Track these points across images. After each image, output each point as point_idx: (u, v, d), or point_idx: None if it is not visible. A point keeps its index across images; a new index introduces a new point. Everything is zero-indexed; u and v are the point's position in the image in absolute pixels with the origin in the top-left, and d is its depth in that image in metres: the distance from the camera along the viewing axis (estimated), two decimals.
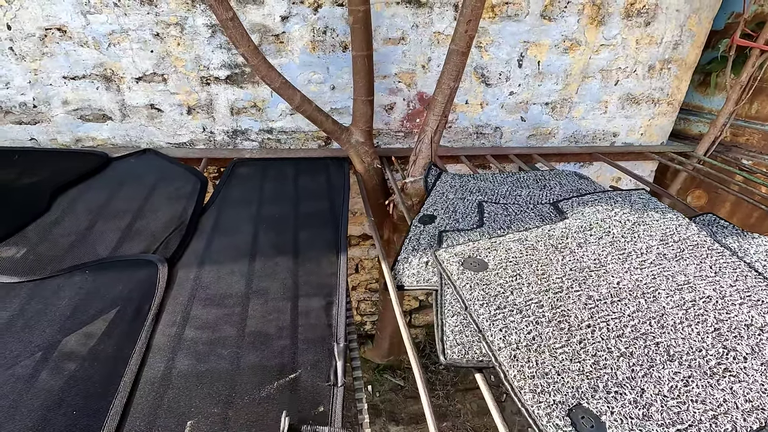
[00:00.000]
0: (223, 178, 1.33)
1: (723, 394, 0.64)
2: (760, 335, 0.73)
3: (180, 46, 1.34)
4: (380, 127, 1.61)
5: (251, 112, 1.48)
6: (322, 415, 0.61)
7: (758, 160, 1.81)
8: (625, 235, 0.97)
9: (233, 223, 1.13)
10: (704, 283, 0.84)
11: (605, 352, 0.70)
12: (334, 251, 0.99)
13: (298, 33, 1.39)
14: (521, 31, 1.51)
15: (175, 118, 1.44)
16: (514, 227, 1.03)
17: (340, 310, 0.80)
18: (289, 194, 1.29)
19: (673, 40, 1.64)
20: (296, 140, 1.57)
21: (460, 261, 0.89)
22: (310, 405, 0.64)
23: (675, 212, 1.09)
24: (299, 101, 1.28)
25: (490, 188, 1.26)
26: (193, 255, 0.99)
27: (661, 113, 1.80)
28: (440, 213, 1.14)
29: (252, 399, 0.64)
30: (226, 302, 0.84)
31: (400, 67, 1.51)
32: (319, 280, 0.90)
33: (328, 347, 0.73)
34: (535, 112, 1.68)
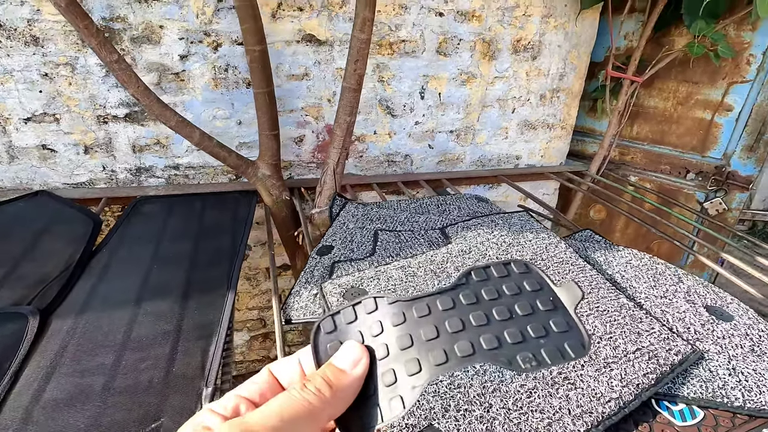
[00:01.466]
0: (121, 218, 1.30)
1: (559, 401, 0.71)
2: (599, 343, 0.82)
3: (72, 86, 1.31)
4: (292, 159, 1.64)
5: (155, 149, 1.47)
6: None
7: (643, 176, 2.03)
8: (500, 256, 1.05)
9: (124, 265, 1.11)
10: None
11: (461, 371, 0.75)
12: (223, 289, 1.00)
13: (199, 71, 1.40)
14: (420, 66, 1.62)
15: (71, 158, 1.40)
16: (403, 254, 1.09)
17: (216, 352, 0.81)
18: (191, 231, 1.28)
19: (558, 72, 1.82)
20: (205, 175, 1.56)
21: (341, 292, 0.92)
22: None
23: (548, 232, 1.19)
24: (199, 138, 1.29)
25: (391, 216, 1.32)
26: (73, 303, 0.96)
27: (556, 137, 1.98)
28: (337, 243, 1.18)
29: None
30: (98, 353, 0.82)
31: (306, 102, 1.56)
32: (203, 320, 0.90)
33: (198, 391, 0.73)
34: (441, 139, 1.79)
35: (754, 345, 0.87)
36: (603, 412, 0.70)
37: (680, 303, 0.99)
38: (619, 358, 0.79)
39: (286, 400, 0.26)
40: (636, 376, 0.75)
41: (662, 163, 1.95)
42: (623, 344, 0.82)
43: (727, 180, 1.76)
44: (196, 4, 1.32)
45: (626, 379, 0.75)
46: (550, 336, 0.31)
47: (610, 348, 0.81)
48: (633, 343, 0.82)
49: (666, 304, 0.99)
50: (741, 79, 1.65)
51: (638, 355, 0.79)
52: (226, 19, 1.36)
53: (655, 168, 1.98)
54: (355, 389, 0.29)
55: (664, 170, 1.95)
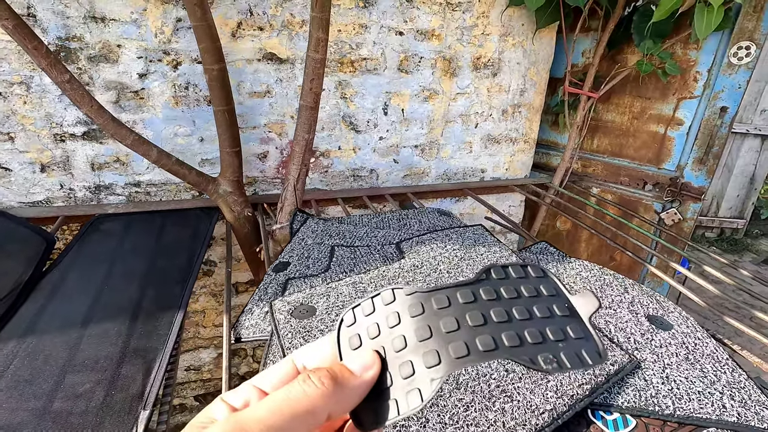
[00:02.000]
0: (77, 237, 1.29)
1: (495, 414, 0.72)
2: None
3: (27, 105, 1.30)
4: (256, 175, 1.65)
5: (115, 166, 1.46)
6: None
7: (604, 188, 2.09)
8: (450, 271, 1.07)
9: (76, 285, 1.09)
10: None
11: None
12: (173, 309, 0.99)
13: (158, 89, 1.41)
14: (382, 83, 1.65)
15: (27, 176, 1.38)
16: (357, 270, 1.10)
17: (158, 374, 0.80)
18: (149, 249, 1.27)
19: (518, 88, 1.88)
20: (167, 192, 1.55)
21: (290, 309, 0.93)
22: None
23: (500, 246, 1.22)
24: (156, 155, 1.29)
25: (350, 231, 1.34)
26: (17, 326, 0.94)
27: (520, 150, 2.03)
28: (294, 259, 1.19)
29: None
30: (38, 378, 0.80)
31: (269, 119, 1.57)
32: (148, 342, 0.89)
33: (135, 415, 0.72)
34: (406, 154, 1.82)
35: (689, 353, 0.90)
36: (536, 424, 0.71)
37: (623, 313, 1.02)
38: None
39: (285, 394, 0.25)
40: (571, 387, 0.77)
41: (621, 175, 2.01)
42: None
43: (681, 191, 1.83)
44: (155, 23, 1.33)
45: (561, 390, 0.77)
46: (567, 341, 0.32)
47: None
48: None
49: (610, 314, 1.02)
50: (689, 95, 1.73)
51: None
52: (186, 38, 1.37)
53: (615, 180, 2.04)
54: (360, 393, 0.28)
55: (624, 182, 2.02)
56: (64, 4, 1.23)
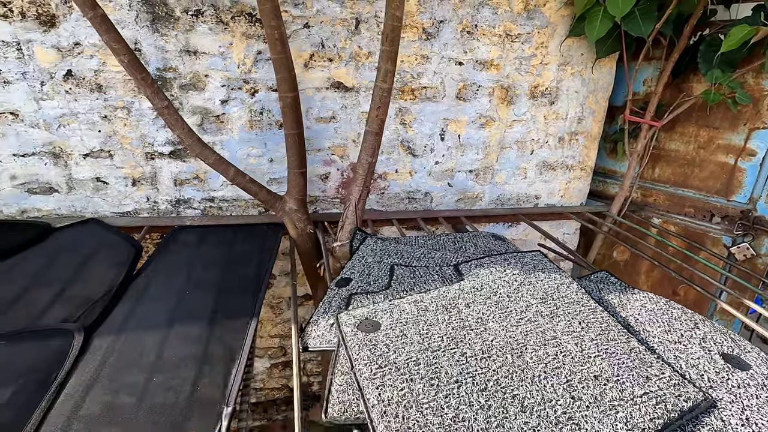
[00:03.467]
0: (160, 245, 1.42)
1: None
2: (605, 385, 0.83)
3: (126, 126, 1.47)
4: (317, 195, 1.74)
5: (194, 182, 1.60)
6: None
7: (666, 218, 2.01)
8: (510, 295, 1.08)
9: (161, 289, 1.20)
10: (569, 338, 0.95)
11: (466, 405, 0.78)
12: (247, 316, 1.07)
13: (237, 114, 1.55)
14: (440, 110, 1.72)
15: (120, 189, 1.55)
16: (417, 289, 1.14)
17: (237, 376, 0.87)
18: (222, 260, 1.37)
19: (576, 116, 1.88)
20: (237, 208, 1.68)
21: (356, 323, 0.97)
22: None
23: (561, 272, 1.21)
24: (233, 174, 1.41)
25: (408, 251, 1.38)
26: (114, 323, 1.05)
27: (576, 177, 2.01)
28: (356, 276, 1.24)
29: None
30: (133, 371, 0.89)
31: (332, 142, 1.67)
32: (226, 345, 0.97)
33: (218, 411, 0.79)
34: (460, 178, 1.85)
35: None
36: None
37: (695, 349, 0.99)
38: (626, 400, 0.80)
39: None
40: (642, 420, 0.76)
41: (686, 206, 1.93)
42: (630, 387, 0.83)
43: (755, 225, 1.73)
44: (238, 56, 1.48)
45: (631, 422, 0.75)
46: None
47: (616, 390, 0.82)
48: (641, 387, 0.83)
49: (680, 350, 0.99)
50: (762, 125, 1.65)
51: (645, 399, 0.80)
52: (263, 69, 1.51)
53: (679, 210, 1.96)
54: None
55: (689, 213, 1.93)
56: (164, 40, 1.40)
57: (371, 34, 1.55)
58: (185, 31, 1.41)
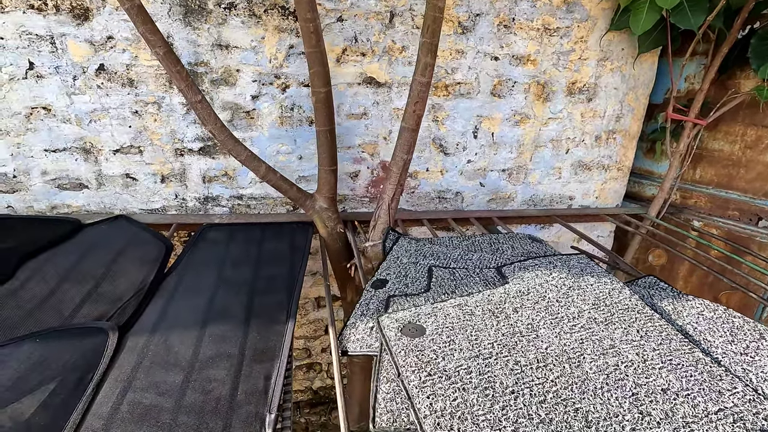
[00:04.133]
0: (190, 243, 1.39)
1: None
2: (675, 399, 0.76)
3: (156, 122, 1.45)
4: (346, 193, 1.70)
5: (222, 180, 1.57)
6: None
7: (707, 221, 1.92)
8: (560, 300, 1.02)
9: (192, 288, 1.17)
10: (629, 347, 0.88)
11: (526, 419, 0.72)
12: (283, 317, 1.03)
13: (267, 110, 1.51)
14: (474, 107, 1.66)
15: (149, 186, 1.53)
16: (458, 292, 1.08)
17: (278, 379, 0.83)
18: (252, 258, 1.34)
19: (614, 113, 1.80)
20: (265, 205, 1.64)
21: (399, 327, 0.93)
22: None
23: (610, 276, 1.15)
24: (264, 171, 1.38)
25: (444, 252, 1.33)
26: (147, 321, 1.02)
27: (612, 178, 1.93)
28: (392, 277, 1.19)
29: None
30: (170, 372, 0.86)
31: (363, 139, 1.63)
32: (264, 346, 0.93)
33: (261, 417, 0.75)
34: (493, 178, 1.79)
35: None
36: None
37: (765, 361, 0.91)
38: (700, 418, 0.73)
39: None
40: None
41: (730, 209, 1.84)
42: (703, 403, 0.76)
43: None
44: (270, 50, 1.44)
45: None
46: None
47: (688, 406, 0.76)
48: (714, 403, 0.76)
49: (747, 362, 0.91)
50: None
51: (721, 417, 0.73)
52: (295, 64, 1.47)
53: (721, 213, 1.87)
54: None
55: (733, 216, 1.84)
56: (196, 34, 1.38)
57: (405, 28, 1.50)
58: (217, 24, 1.38)
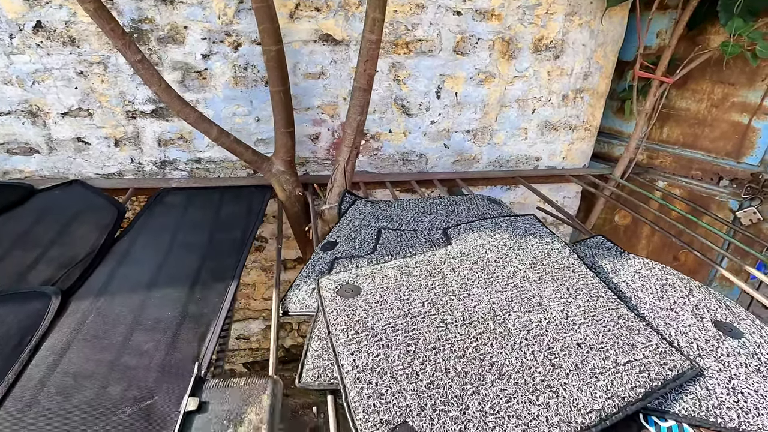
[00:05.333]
0: (145, 207, 1.39)
1: (538, 408, 0.70)
2: (588, 353, 0.80)
3: (104, 83, 1.41)
4: (307, 156, 1.68)
5: (178, 143, 1.55)
6: None
7: (672, 181, 1.93)
8: (498, 260, 1.04)
9: (143, 252, 1.18)
10: (555, 304, 0.92)
11: (442, 372, 0.76)
12: (227, 279, 1.05)
13: (219, 70, 1.46)
14: (436, 65, 1.62)
15: (103, 150, 1.50)
16: (403, 253, 1.10)
17: (212, 339, 0.85)
18: (207, 222, 1.34)
19: (582, 71, 1.76)
20: (225, 169, 1.63)
21: (336, 288, 0.95)
22: (157, 429, 0.68)
23: (554, 237, 1.17)
24: (216, 134, 1.35)
25: (397, 214, 1.34)
26: (92, 286, 1.04)
27: (579, 138, 1.92)
28: (341, 239, 1.21)
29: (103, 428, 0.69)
30: (109, 334, 0.88)
31: (322, 100, 1.59)
32: (204, 309, 0.95)
33: (190, 375, 0.78)
34: (457, 139, 1.78)
35: (762, 365, 0.82)
36: (582, 423, 0.69)
37: (687, 316, 0.95)
38: (608, 369, 0.77)
39: None
40: (623, 389, 0.73)
41: (693, 168, 1.85)
42: (614, 355, 0.80)
43: (764, 188, 1.65)
44: (218, 5, 1.38)
45: (612, 390, 0.73)
46: None
47: (599, 359, 0.80)
48: (625, 355, 0.80)
49: (671, 316, 0.95)
50: None
51: (629, 368, 0.77)
52: (246, 20, 1.41)
53: (685, 173, 1.88)
54: None
55: (695, 176, 1.85)
56: None
57: None
58: None
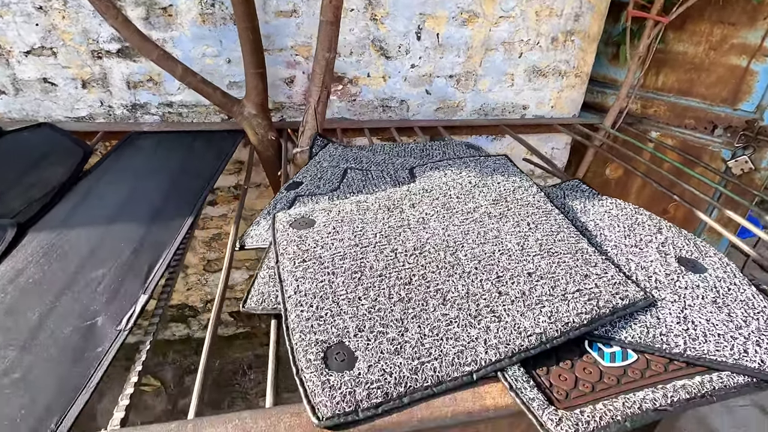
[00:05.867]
0: (113, 149, 1.36)
1: (478, 332, 0.69)
2: (537, 282, 0.78)
3: (65, 20, 1.35)
4: (283, 101, 1.63)
5: (148, 85, 1.50)
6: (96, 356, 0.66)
7: (665, 132, 1.86)
8: (460, 196, 1.01)
9: (106, 190, 1.17)
10: (512, 237, 0.89)
11: (385, 297, 0.75)
12: (185, 215, 1.04)
13: (185, 6, 1.40)
14: (416, 3, 1.53)
15: (71, 92, 1.46)
16: (366, 191, 1.08)
17: (160, 268, 0.85)
18: (175, 164, 1.32)
19: (573, 11, 1.66)
20: (198, 114, 1.59)
21: (290, 221, 0.93)
22: (94, 346, 0.69)
23: (522, 176, 1.13)
24: (182, 73, 1.31)
25: (368, 157, 1.30)
26: (51, 220, 1.03)
27: (569, 85, 1.84)
28: (307, 180, 1.18)
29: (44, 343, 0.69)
30: (63, 262, 0.88)
31: (295, 40, 1.52)
32: (158, 239, 0.94)
33: (135, 298, 0.78)
34: (439, 84, 1.71)
35: (719, 297, 0.80)
36: (521, 345, 0.68)
37: (650, 252, 0.93)
38: (556, 297, 0.75)
39: None
40: (567, 315, 0.72)
41: (688, 117, 1.77)
42: (564, 284, 0.78)
43: (758, 136, 1.58)
44: None
45: (556, 316, 0.72)
46: None
47: (548, 287, 0.78)
48: (576, 284, 0.78)
49: (635, 253, 0.93)
50: None
51: (577, 296, 0.76)
52: None
53: (679, 123, 1.81)
54: None
55: (689, 125, 1.78)
56: None
57: None
58: None
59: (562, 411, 0.59)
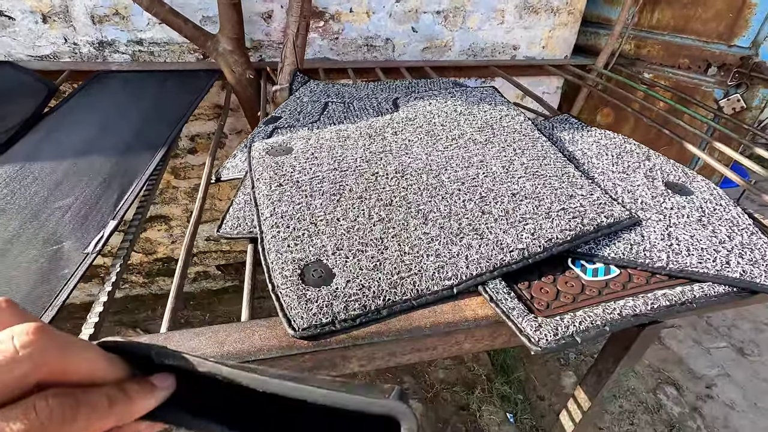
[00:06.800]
0: (78, 88, 1.29)
1: (459, 248, 0.68)
2: (521, 201, 0.76)
3: None
4: (261, 39, 1.54)
5: (115, 20, 1.40)
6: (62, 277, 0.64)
7: (658, 73, 1.81)
8: (445, 124, 0.97)
9: (72, 127, 1.10)
10: (497, 161, 0.86)
11: (365, 218, 0.72)
12: (158, 147, 0.99)
13: None
14: None
15: (31, 27, 1.36)
16: (347, 122, 1.03)
17: (130, 196, 0.81)
18: (146, 102, 1.25)
19: None
20: (171, 53, 1.50)
21: (267, 149, 0.89)
22: (60, 268, 0.66)
23: (509, 105, 1.09)
24: (148, 3, 1.22)
25: (350, 92, 1.24)
26: (13, 156, 0.98)
27: (562, 24, 1.76)
28: (286, 114, 1.13)
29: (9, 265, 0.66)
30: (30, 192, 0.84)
31: None
32: (130, 169, 0.90)
33: (104, 223, 0.74)
34: (426, 21, 1.62)
35: (704, 216, 0.79)
36: (503, 260, 0.66)
37: (638, 178, 0.91)
38: (539, 215, 0.74)
39: None
40: (551, 231, 0.70)
41: (681, 56, 1.72)
42: (548, 203, 0.76)
43: (752, 73, 1.54)
44: None
45: (538, 233, 0.70)
46: None
47: (532, 206, 0.76)
48: (560, 203, 0.76)
49: (622, 178, 0.91)
50: None
51: (561, 214, 0.74)
52: None
53: (673, 62, 1.75)
54: None
55: (683, 65, 1.73)
56: None
57: None
58: None
59: (542, 318, 0.59)
